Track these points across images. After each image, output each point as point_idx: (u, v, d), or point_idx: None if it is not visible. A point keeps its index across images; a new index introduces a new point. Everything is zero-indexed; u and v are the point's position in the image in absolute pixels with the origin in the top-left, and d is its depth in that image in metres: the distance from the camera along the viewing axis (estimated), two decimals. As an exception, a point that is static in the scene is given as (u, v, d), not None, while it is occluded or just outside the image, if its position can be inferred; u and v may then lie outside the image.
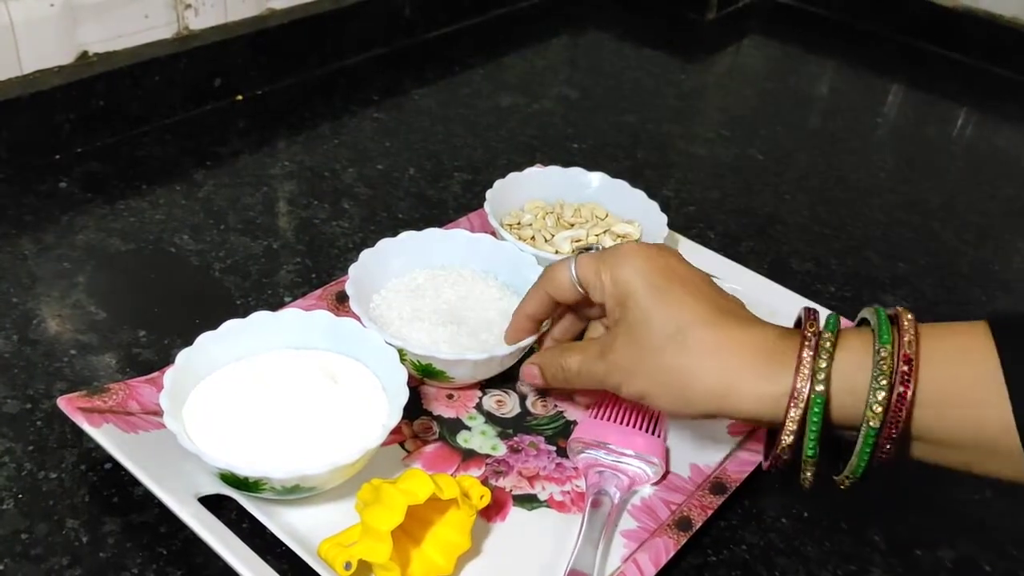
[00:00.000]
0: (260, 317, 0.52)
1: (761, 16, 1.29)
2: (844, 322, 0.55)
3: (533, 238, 0.64)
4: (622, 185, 0.68)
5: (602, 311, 0.49)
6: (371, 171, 0.79)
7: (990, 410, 0.38)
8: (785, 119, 0.99)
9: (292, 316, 0.52)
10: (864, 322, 0.44)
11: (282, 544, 0.45)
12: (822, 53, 1.21)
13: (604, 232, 0.65)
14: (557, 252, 0.63)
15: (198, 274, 0.64)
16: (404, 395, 0.48)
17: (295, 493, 0.45)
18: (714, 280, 0.47)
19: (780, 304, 0.61)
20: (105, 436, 0.46)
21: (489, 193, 0.65)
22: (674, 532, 0.47)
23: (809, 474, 0.43)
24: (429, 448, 0.52)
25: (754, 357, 0.42)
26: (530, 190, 0.68)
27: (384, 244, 0.59)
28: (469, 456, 0.52)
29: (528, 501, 0.50)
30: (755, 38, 1.24)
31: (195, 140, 0.80)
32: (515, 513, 0.49)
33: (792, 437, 0.41)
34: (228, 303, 0.62)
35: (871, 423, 0.39)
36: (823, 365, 0.40)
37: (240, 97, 0.87)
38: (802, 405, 0.40)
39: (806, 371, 0.40)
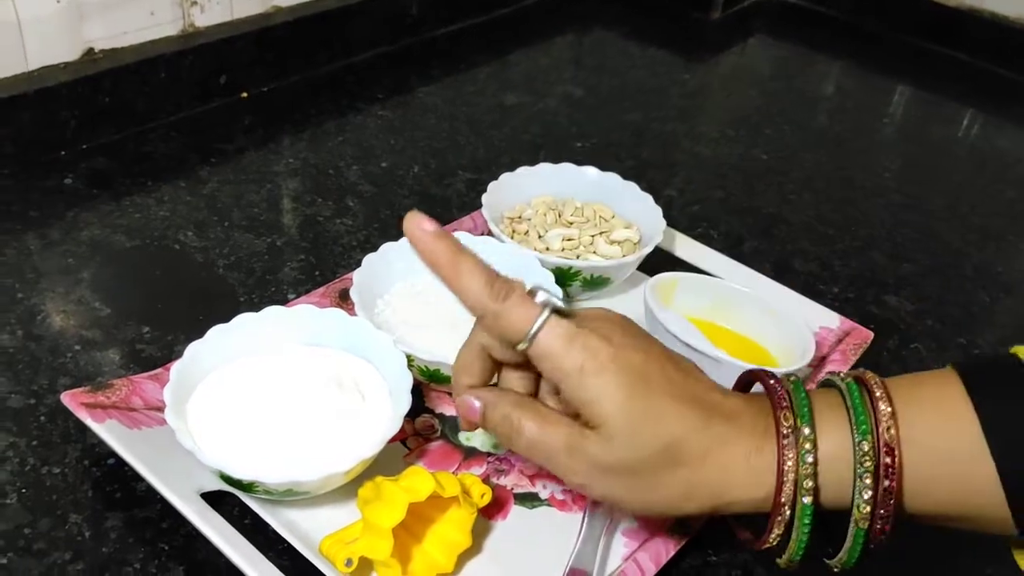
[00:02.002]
0: (273, 312, 0.52)
1: (766, 15, 1.29)
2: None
3: (527, 233, 0.65)
4: (631, 187, 0.68)
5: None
6: (375, 169, 0.79)
7: (977, 483, 0.38)
8: (790, 119, 0.99)
9: (305, 312, 0.52)
10: (828, 383, 0.43)
11: (284, 540, 0.45)
12: (828, 53, 1.20)
13: (599, 234, 0.65)
14: (547, 249, 0.63)
15: (202, 270, 0.64)
16: (407, 403, 0.48)
17: (289, 496, 0.45)
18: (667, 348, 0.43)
19: (784, 304, 0.61)
20: (108, 432, 0.46)
21: (492, 185, 0.65)
22: (675, 532, 0.47)
23: (794, 567, 0.41)
24: (431, 446, 0.52)
25: (741, 457, 0.40)
26: (540, 185, 0.68)
27: (387, 248, 0.58)
28: (471, 454, 0.52)
29: (529, 499, 0.50)
30: (760, 37, 1.24)
31: (200, 137, 0.80)
32: (516, 511, 0.49)
33: (779, 540, 0.40)
34: (232, 299, 0.62)
35: (860, 524, 0.38)
36: (807, 471, 0.39)
37: (245, 94, 0.87)
38: (787, 512, 0.39)
39: (790, 478, 0.39)
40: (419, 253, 0.41)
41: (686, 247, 0.69)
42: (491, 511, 0.48)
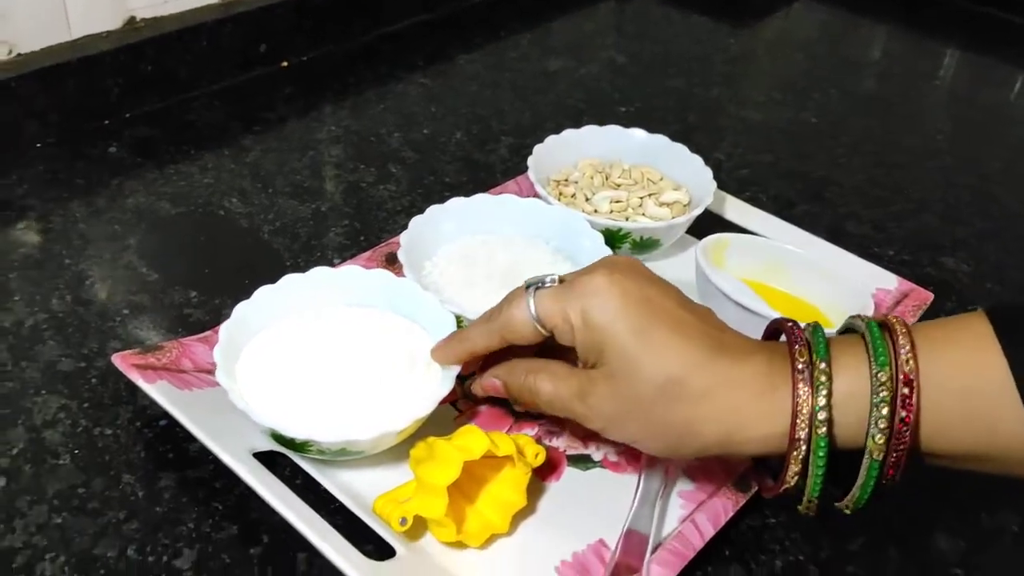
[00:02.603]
0: (320, 273, 0.51)
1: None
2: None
3: (574, 195, 0.63)
4: (680, 149, 0.66)
5: (571, 352, 0.43)
6: (418, 135, 0.78)
7: (1002, 422, 0.36)
8: (838, 83, 0.97)
9: (352, 273, 0.52)
10: (849, 330, 0.41)
11: (336, 500, 0.45)
12: (873, 17, 1.17)
13: (648, 196, 0.63)
14: (596, 212, 0.61)
15: (247, 236, 0.64)
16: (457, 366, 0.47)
17: (342, 456, 0.45)
18: (680, 290, 0.43)
19: (839, 265, 0.60)
20: (160, 392, 0.45)
21: (537, 148, 0.64)
22: (733, 493, 0.46)
23: (813, 508, 0.40)
24: (481, 408, 0.51)
25: (752, 397, 0.39)
26: (586, 148, 0.67)
27: (434, 211, 0.58)
28: (522, 416, 0.51)
29: (582, 461, 0.49)
30: (805, 2, 1.21)
31: (242, 105, 0.80)
32: (569, 473, 0.48)
33: (796, 478, 0.39)
34: (278, 264, 0.61)
35: (874, 456, 0.37)
36: (822, 403, 0.38)
37: (286, 63, 0.87)
38: (803, 447, 0.38)
39: (805, 411, 0.38)
40: (454, 363, 0.47)
41: (737, 210, 0.67)
42: (544, 473, 0.48)
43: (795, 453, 0.38)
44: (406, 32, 0.96)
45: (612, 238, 0.59)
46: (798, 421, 0.38)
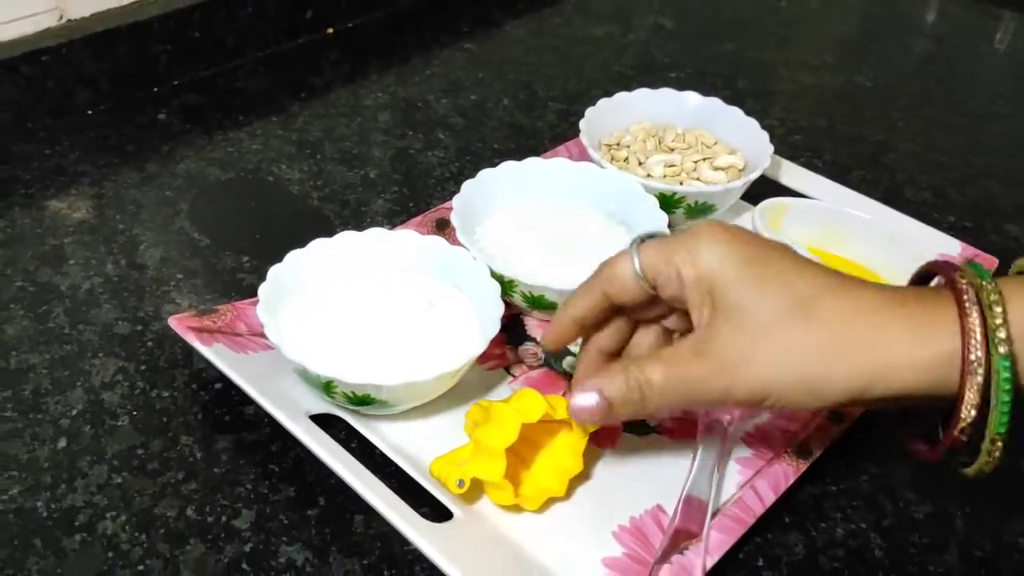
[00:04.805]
0: (376, 234, 0.52)
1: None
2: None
3: (627, 159, 0.62)
4: (735, 112, 0.65)
5: (668, 310, 0.41)
6: (465, 101, 0.77)
7: None
8: (893, 45, 0.94)
9: (406, 238, 0.52)
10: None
11: (391, 464, 0.44)
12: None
13: (702, 160, 0.62)
14: (649, 176, 0.60)
15: (297, 202, 0.64)
16: (495, 328, 0.46)
17: (371, 405, 0.44)
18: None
19: (901, 231, 0.58)
20: (217, 355, 0.46)
21: (589, 111, 0.63)
22: (793, 459, 0.45)
23: (997, 455, 0.33)
24: (534, 374, 0.51)
25: (901, 318, 0.33)
26: (637, 112, 0.66)
27: (485, 174, 0.57)
28: (576, 382, 0.51)
29: (638, 428, 0.48)
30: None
31: (289, 72, 0.79)
32: (626, 439, 0.48)
33: (975, 412, 0.33)
34: (328, 230, 0.61)
35: None
36: (998, 321, 0.32)
37: (331, 30, 0.86)
38: (981, 371, 0.32)
39: (977, 329, 0.32)
40: (563, 339, 0.43)
41: (793, 175, 0.66)
42: (600, 439, 0.47)
43: (970, 378, 0.32)
44: (451, -2, 0.95)
45: (666, 202, 0.58)
46: (971, 340, 0.32)
